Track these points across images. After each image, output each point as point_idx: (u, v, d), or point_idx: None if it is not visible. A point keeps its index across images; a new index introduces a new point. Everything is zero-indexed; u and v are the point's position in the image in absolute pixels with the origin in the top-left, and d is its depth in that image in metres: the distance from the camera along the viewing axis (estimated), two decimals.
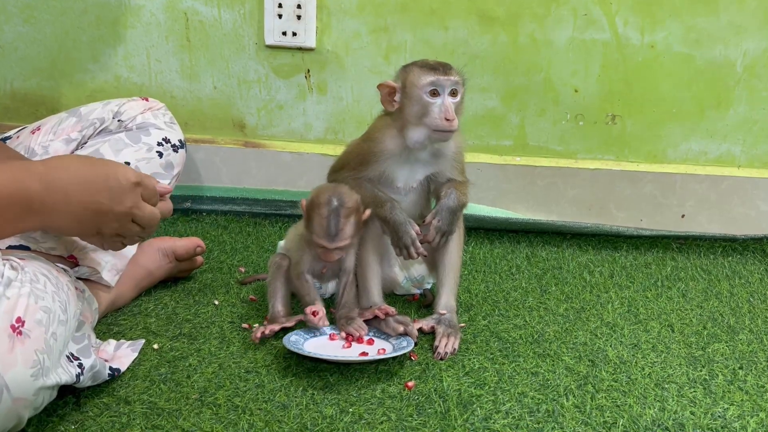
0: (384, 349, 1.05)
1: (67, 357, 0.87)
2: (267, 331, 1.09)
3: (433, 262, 1.20)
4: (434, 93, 1.08)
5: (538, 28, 1.56)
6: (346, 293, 1.15)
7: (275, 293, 1.17)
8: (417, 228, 1.12)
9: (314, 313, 1.11)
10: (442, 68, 1.08)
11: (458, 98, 1.09)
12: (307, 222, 1.11)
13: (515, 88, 1.60)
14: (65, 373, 0.84)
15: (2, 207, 0.78)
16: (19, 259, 0.87)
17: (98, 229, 0.89)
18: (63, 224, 0.86)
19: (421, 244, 1.14)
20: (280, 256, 1.21)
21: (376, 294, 1.16)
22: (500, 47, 1.58)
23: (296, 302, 1.25)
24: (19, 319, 0.77)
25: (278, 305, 1.16)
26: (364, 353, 1.02)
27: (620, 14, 1.54)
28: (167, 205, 0.98)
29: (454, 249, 1.17)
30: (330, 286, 1.25)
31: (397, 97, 1.11)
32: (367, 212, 1.12)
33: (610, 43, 1.56)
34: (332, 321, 1.15)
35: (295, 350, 1.01)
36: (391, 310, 1.11)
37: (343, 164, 1.18)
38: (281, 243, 1.28)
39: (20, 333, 0.76)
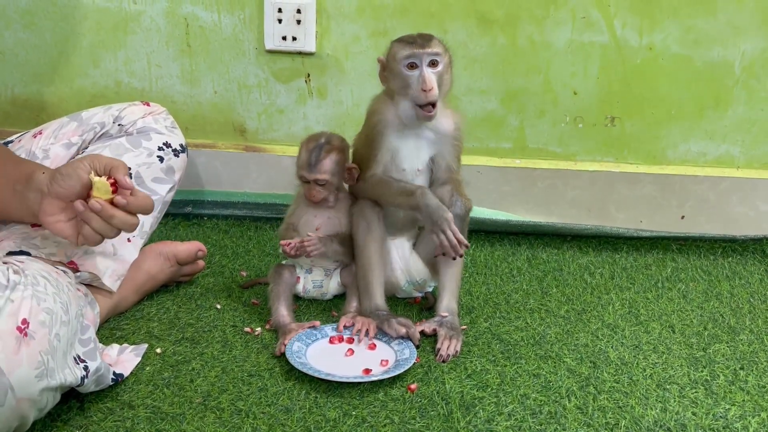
0: (387, 361, 1.05)
1: (74, 359, 0.88)
2: (286, 342, 1.09)
3: (435, 265, 1.20)
4: (412, 66, 1.10)
5: (536, 30, 1.56)
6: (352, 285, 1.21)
7: (277, 298, 1.18)
8: (450, 214, 1.10)
9: (287, 244, 1.17)
10: (420, 41, 1.10)
11: (439, 68, 1.10)
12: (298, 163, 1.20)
13: (514, 91, 1.61)
14: (71, 375, 0.85)
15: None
16: (19, 262, 0.88)
17: None
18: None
19: (435, 257, 1.17)
20: (278, 264, 1.24)
21: (378, 296, 1.16)
22: (499, 49, 1.58)
23: (298, 307, 1.25)
24: (24, 321, 0.78)
25: (282, 309, 1.17)
26: (367, 370, 1.02)
27: (618, 16, 1.55)
28: (147, 199, 0.96)
29: None
30: (332, 287, 1.26)
31: (386, 72, 1.14)
32: (355, 167, 1.18)
33: (608, 45, 1.57)
34: (330, 321, 1.15)
35: (300, 368, 1.01)
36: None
37: (356, 158, 1.20)
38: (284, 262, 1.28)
39: (26, 334, 0.77)
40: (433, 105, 1.09)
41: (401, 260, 1.22)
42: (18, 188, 0.97)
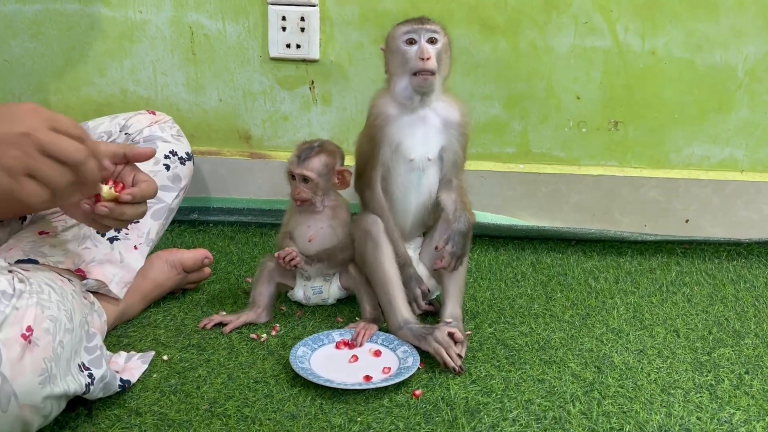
0: (389, 368, 1.05)
1: (79, 366, 0.89)
2: (235, 321, 1.17)
3: (439, 271, 1.21)
4: (411, 41, 1.13)
5: (539, 35, 1.57)
6: (360, 291, 1.21)
7: (260, 284, 1.22)
8: (425, 287, 1.19)
9: (278, 256, 1.18)
10: (419, 19, 1.14)
11: (438, 45, 1.13)
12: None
13: (517, 96, 1.61)
14: (74, 382, 0.85)
15: None
16: (24, 270, 0.89)
17: None
18: None
19: (435, 270, 1.19)
20: (267, 257, 1.25)
21: (404, 309, 1.13)
22: (502, 55, 1.59)
23: (303, 314, 1.26)
24: (29, 328, 0.78)
25: (260, 291, 1.20)
26: (368, 377, 1.03)
27: (621, 21, 1.55)
28: (150, 185, 0.93)
29: None
30: (332, 292, 1.26)
31: (387, 55, 1.16)
32: (347, 170, 1.21)
33: (611, 49, 1.57)
34: (335, 327, 1.16)
35: (300, 373, 1.02)
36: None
37: (363, 162, 1.19)
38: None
39: (30, 342, 0.78)
40: (430, 73, 1.12)
41: None
42: None
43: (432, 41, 1.13)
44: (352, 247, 1.21)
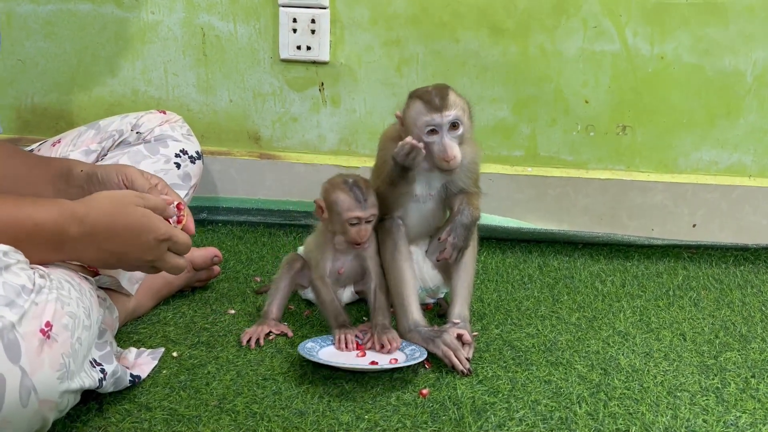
0: (396, 359, 1.06)
1: (90, 362, 0.90)
2: (257, 338, 1.14)
3: (448, 272, 1.22)
4: (433, 131, 1.07)
5: (547, 39, 1.58)
6: (377, 299, 1.16)
7: (276, 293, 1.20)
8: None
9: (341, 341, 1.10)
10: (440, 104, 1.05)
11: (460, 131, 1.08)
12: (330, 210, 1.12)
13: (526, 99, 1.62)
14: (88, 378, 0.87)
15: (39, 243, 0.85)
16: (44, 267, 0.90)
17: (119, 266, 0.95)
18: (86, 260, 0.93)
19: (438, 261, 1.18)
20: (295, 255, 1.23)
21: (416, 311, 1.13)
22: (511, 58, 1.60)
23: (311, 312, 1.27)
24: (48, 324, 0.79)
25: (273, 307, 1.19)
26: (374, 362, 1.04)
27: (630, 25, 1.56)
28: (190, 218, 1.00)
29: (468, 259, 1.18)
30: (345, 294, 1.27)
31: (404, 127, 1.11)
32: None
33: (620, 54, 1.58)
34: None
35: (309, 357, 1.03)
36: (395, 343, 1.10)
37: (376, 184, 1.19)
38: (300, 248, 1.30)
39: (49, 337, 0.79)
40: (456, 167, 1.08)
41: (415, 267, 1.23)
42: (61, 187, 1.01)
43: (455, 126, 1.07)
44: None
